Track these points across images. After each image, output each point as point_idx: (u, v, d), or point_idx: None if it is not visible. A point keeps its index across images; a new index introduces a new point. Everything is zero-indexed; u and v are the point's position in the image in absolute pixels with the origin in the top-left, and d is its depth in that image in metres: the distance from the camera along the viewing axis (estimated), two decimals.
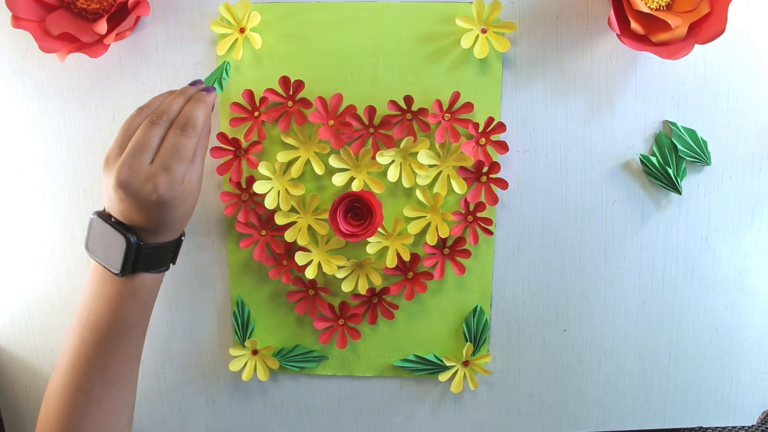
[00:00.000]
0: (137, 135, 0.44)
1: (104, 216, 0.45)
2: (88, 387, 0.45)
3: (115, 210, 0.44)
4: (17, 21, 0.49)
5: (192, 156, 0.45)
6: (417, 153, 0.53)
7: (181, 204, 0.45)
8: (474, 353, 0.57)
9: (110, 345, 0.46)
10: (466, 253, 0.55)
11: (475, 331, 0.57)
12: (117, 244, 0.44)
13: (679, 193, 0.54)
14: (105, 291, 0.45)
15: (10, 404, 0.61)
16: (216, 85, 0.51)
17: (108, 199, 0.45)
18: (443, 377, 0.57)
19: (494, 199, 0.54)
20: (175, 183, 0.43)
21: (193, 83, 0.49)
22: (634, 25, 0.47)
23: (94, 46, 0.50)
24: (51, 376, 0.47)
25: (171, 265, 0.49)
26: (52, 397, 0.46)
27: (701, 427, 0.61)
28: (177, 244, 0.48)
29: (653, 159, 0.53)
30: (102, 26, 0.48)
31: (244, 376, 0.57)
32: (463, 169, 0.53)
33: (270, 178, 0.54)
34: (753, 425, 0.61)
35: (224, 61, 0.52)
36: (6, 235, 0.57)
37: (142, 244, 0.44)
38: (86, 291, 0.47)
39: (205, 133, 0.48)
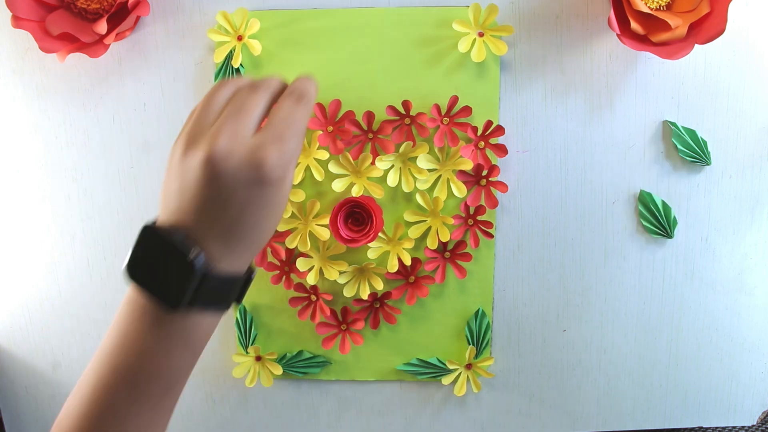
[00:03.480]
0: (236, 100, 0.34)
1: (162, 228, 0.33)
2: None
3: (187, 208, 0.33)
4: (17, 21, 0.49)
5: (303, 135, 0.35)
6: (416, 157, 0.53)
7: (281, 198, 0.34)
8: (477, 356, 0.57)
9: (151, 399, 0.35)
10: (467, 257, 0.55)
11: (477, 334, 0.57)
12: (176, 267, 0.32)
13: (670, 237, 0.55)
14: (151, 334, 0.34)
15: (10, 404, 0.61)
16: None
17: (179, 191, 0.33)
18: (446, 380, 0.57)
19: (494, 203, 0.53)
20: (286, 158, 0.33)
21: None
22: (634, 25, 0.47)
23: (94, 46, 0.50)
24: (64, 415, 0.35)
25: (235, 304, 0.36)
26: None
27: (701, 427, 0.61)
28: (247, 278, 0.36)
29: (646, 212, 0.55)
30: (102, 26, 0.48)
31: (248, 382, 0.57)
32: (462, 172, 0.53)
33: None
34: (753, 425, 0.61)
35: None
36: (6, 235, 0.57)
37: (211, 269, 0.33)
38: (119, 331, 0.34)
39: None
